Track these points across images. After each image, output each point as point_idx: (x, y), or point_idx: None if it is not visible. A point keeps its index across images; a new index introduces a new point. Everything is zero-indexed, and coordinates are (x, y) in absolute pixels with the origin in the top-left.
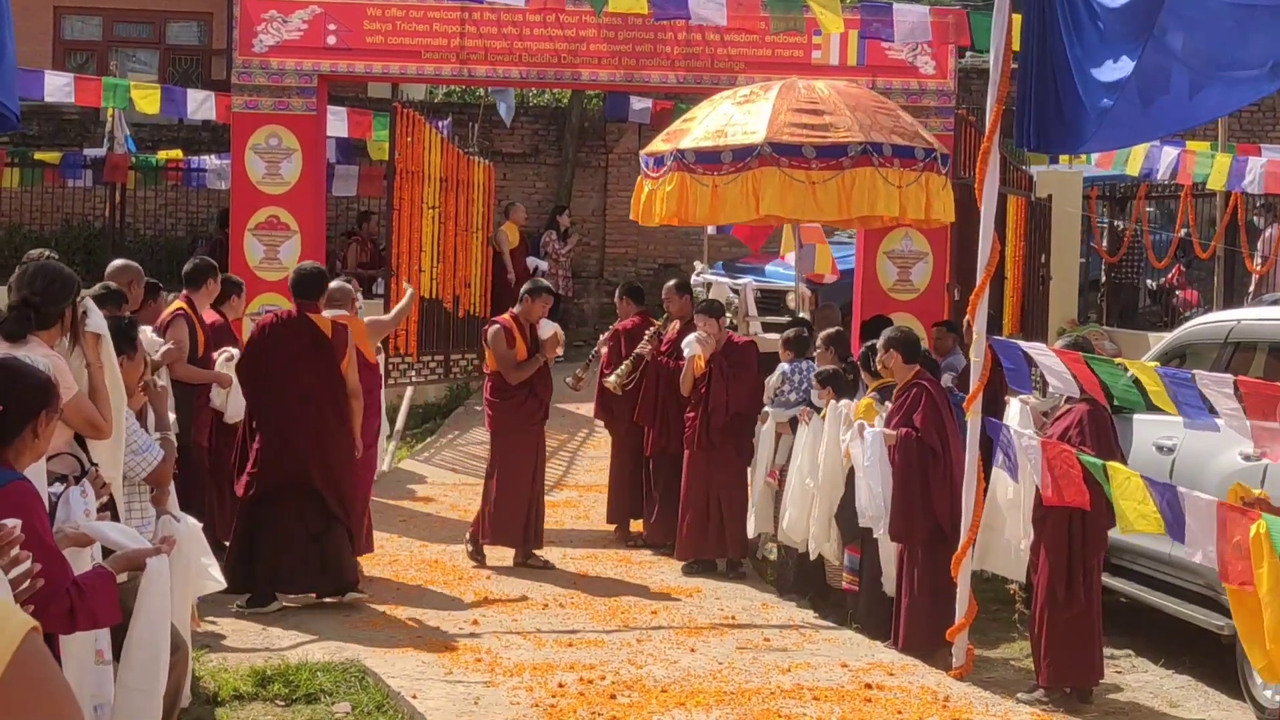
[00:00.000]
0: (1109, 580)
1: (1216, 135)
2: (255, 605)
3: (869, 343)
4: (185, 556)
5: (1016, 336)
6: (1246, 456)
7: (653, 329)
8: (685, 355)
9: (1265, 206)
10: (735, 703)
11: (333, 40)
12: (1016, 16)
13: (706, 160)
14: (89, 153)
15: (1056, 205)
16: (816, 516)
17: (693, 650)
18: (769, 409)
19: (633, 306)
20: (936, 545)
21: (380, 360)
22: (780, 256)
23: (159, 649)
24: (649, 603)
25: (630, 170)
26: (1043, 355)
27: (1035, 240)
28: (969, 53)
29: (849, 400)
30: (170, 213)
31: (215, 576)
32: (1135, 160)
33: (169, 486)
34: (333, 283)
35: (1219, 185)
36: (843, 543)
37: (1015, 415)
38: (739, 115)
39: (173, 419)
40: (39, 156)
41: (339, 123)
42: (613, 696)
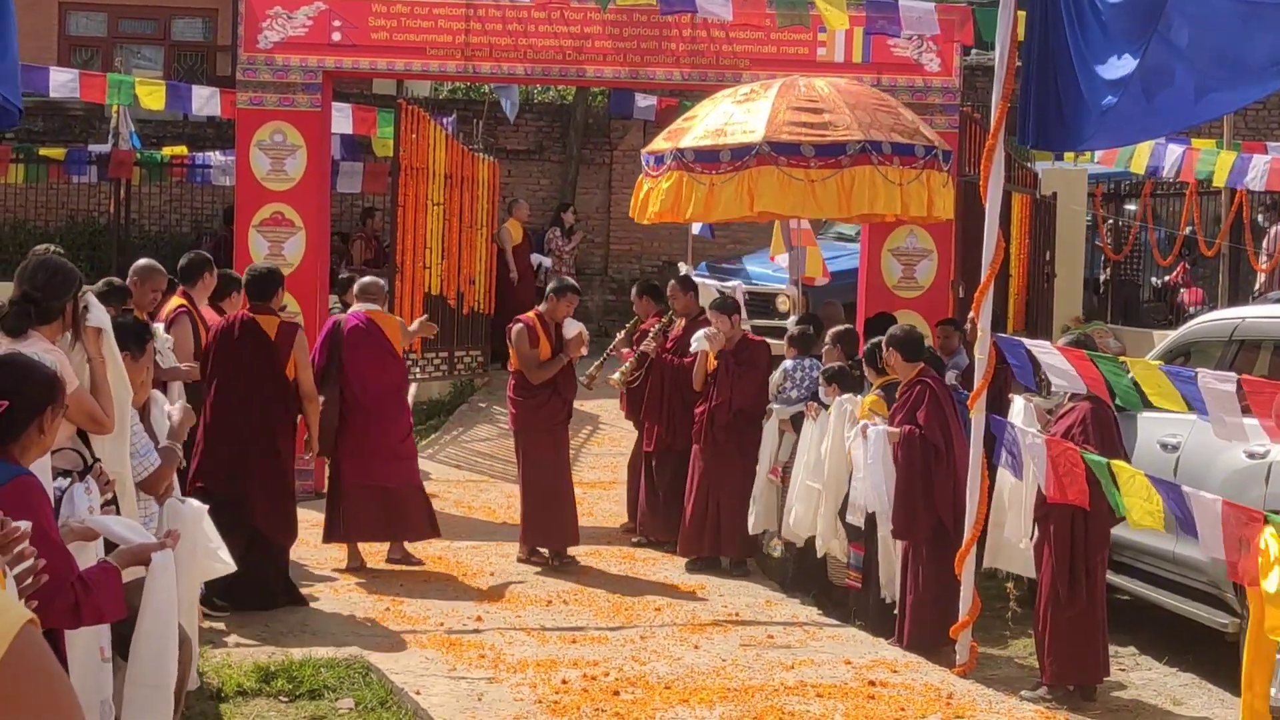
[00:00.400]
0: (1112, 578)
1: (1222, 133)
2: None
3: (874, 340)
4: (191, 540)
5: (1021, 334)
6: (1251, 455)
7: (658, 325)
8: (693, 350)
9: (1271, 205)
10: (739, 700)
11: (338, 37)
12: (1022, 13)
13: (705, 159)
14: (94, 149)
15: (1061, 203)
16: (822, 513)
17: (696, 647)
18: (772, 405)
19: (653, 305)
20: (940, 543)
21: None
22: (771, 258)
23: (167, 643)
24: (652, 599)
25: (635, 167)
26: (1046, 353)
27: (1040, 238)
28: (974, 50)
29: (854, 396)
30: (175, 209)
31: (224, 559)
32: (1140, 158)
33: (161, 490)
34: (365, 277)
35: (1221, 182)
36: (848, 539)
37: (1019, 413)
38: (739, 114)
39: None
40: (44, 152)
41: (344, 119)
42: (616, 693)
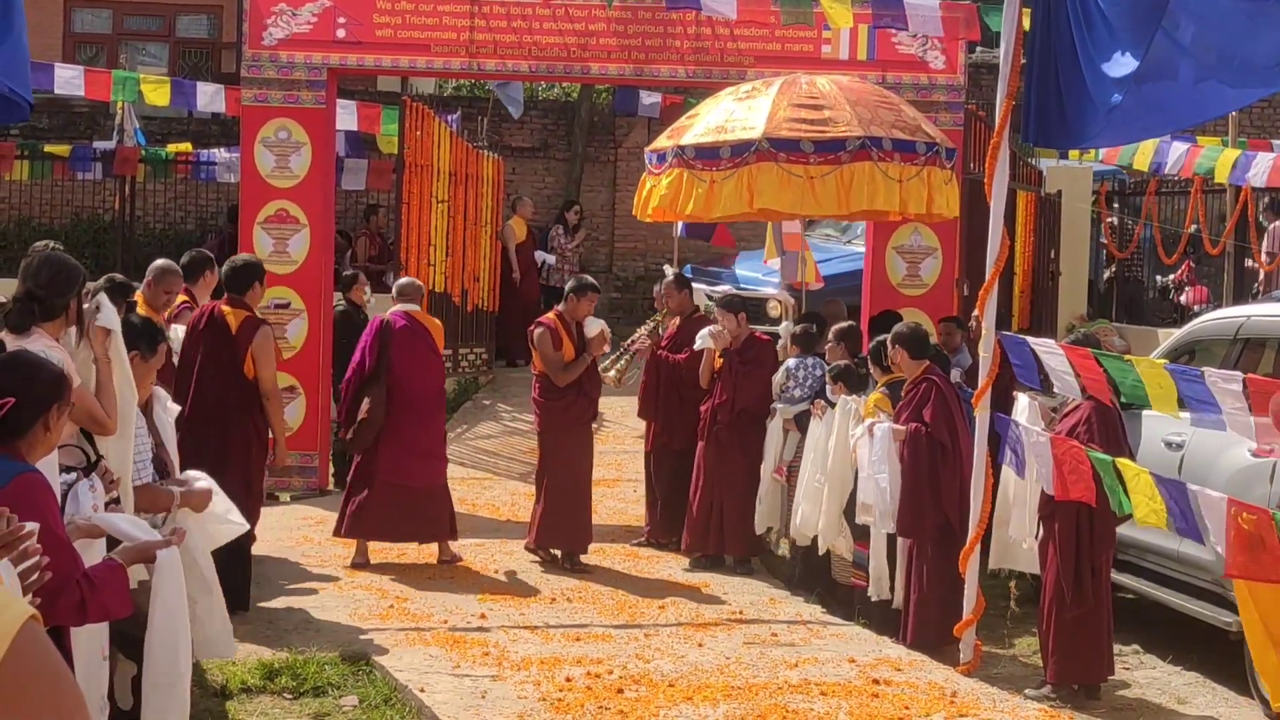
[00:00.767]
0: (1116, 576)
1: (1227, 131)
2: None
3: (880, 338)
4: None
5: (1025, 332)
6: (1255, 453)
7: (651, 324)
8: (697, 347)
9: (1270, 204)
10: (742, 697)
11: (342, 34)
12: (1027, 10)
13: (706, 156)
14: (98, 145)
15: (1066, 201)
16: (826, 511)
17: (700, 645)
18: (775, 404)
19: (688, 300)
20: (945, 541)
21: None
22: (764, 262)
23: (179, 641)
24: (656, 597)
25: (639, 165)
26: (1049, 353)
27: (1045, 236)
28: (979, 48)
29: (859, 395)
30: (180, 206)
31: (236, 520)
32: (1143, 155)
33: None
34: (403, 278)
35: (1223, 178)
36: (853, 538)
37: (1024, 411)
38: (740, 111)
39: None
40: (49, 149)
41: (348, 116)
42: (620, 691)
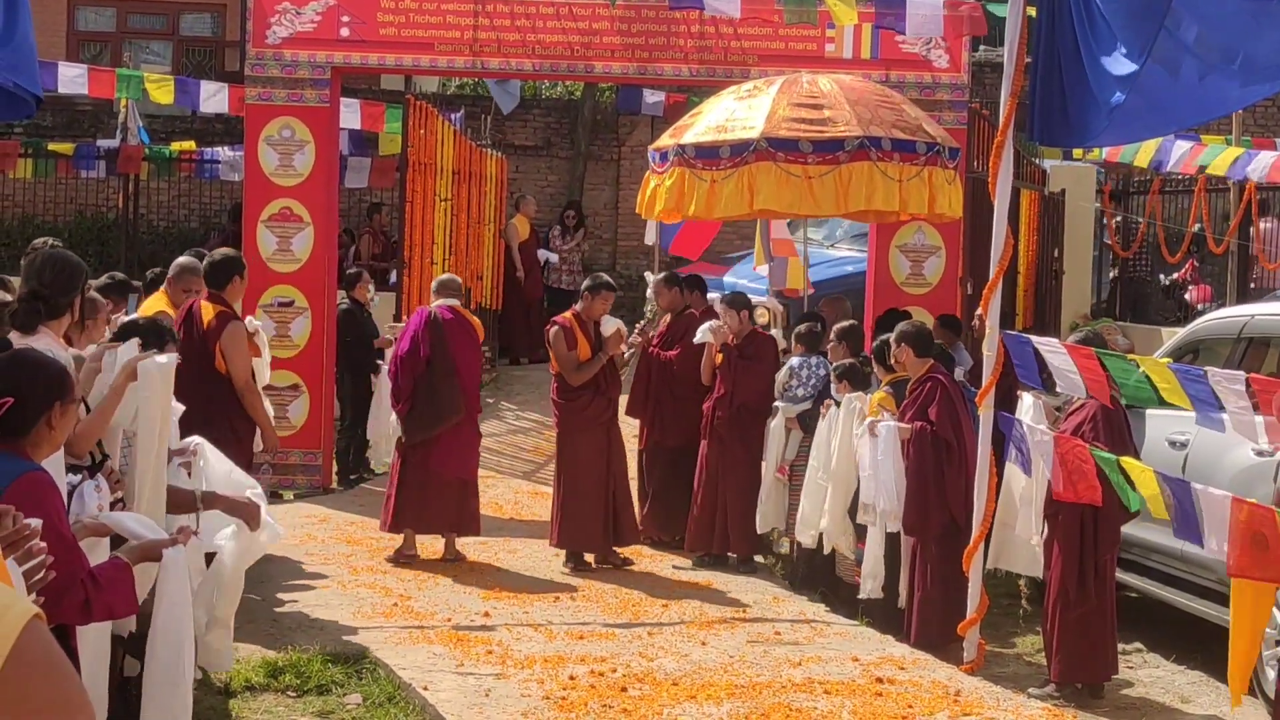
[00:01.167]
0: (1120, 575)
1: (1230, 130)
2: None
3: (883, 336)
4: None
5: (1029, 331)
6: (1260, 452)
7: (642, 322)
8: (697, 341)
9: (1261, 202)
10: (746, 696)
11: (346, 32)
12: (1032, 9)
13: (706, 155)
14: (102, 144)
15: (1070, 199)
16: (831, 510)
17: (704, 644)
18: (778, 403)
19: (701, 299)
20: (949, 539)
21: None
22: (754, 268)
23: (183, 640)
24: (660, 596)
25: (642, 164)
26: (1053, 353)
27: (1048, 235)
28: (982, 46)
29: (863, 394)
30: (183, 204)
31: (275, 526)
32: (1145, 153)
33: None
34: (442, 275)
35: (1221, 170)
36: (856, 537)
37: (1028, 410)
38: (740, 110)
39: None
40: (52, 147)
41: (352, 115)
42: (624, 689)
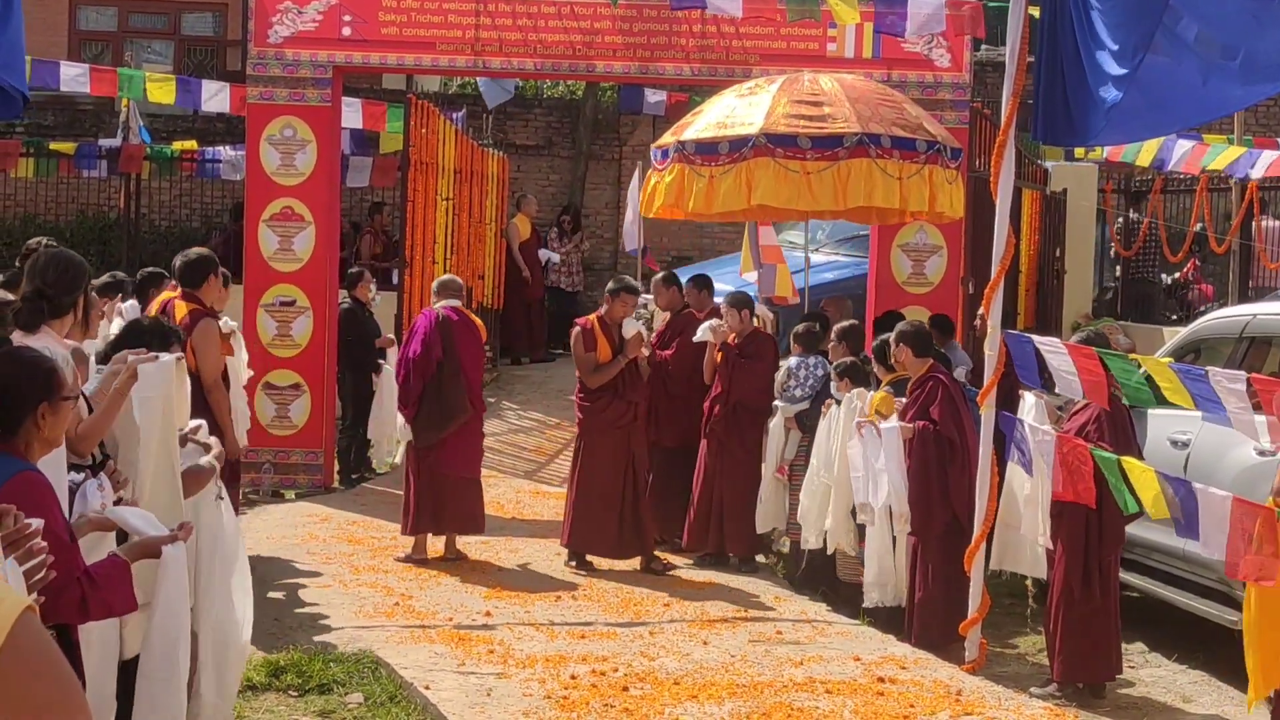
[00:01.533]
0: (1122, 575)
1: (1233, 129)
2: None
3: (883, 336)
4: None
5: (1030, 330)
6: (1261, 452)
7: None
8: (697, 339)
9: (1264, 203)
10: (748, 695)
11: (348, 32)
12: (1034, 9)
13: (705, 151)
14: (104, 143)
15: (1071, 199)
16: (832, 509)
17: (705, 643)
18: (777, 403)
19: (709, 298)
20: (950, 539)
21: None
22: (740, 274)
23: (179, 637)
24: (661, 595)
25: (644, 163)
26: (1053, 353)
27: (1050, 234)
28: (984, 46)
29: (864, 391)
30: (185, 204)
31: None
32: (1148, 153)
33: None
34: (443, 275)
35: (1220, 166)
36: (858, 537)
37: (1030, 409)
38: (741, 107)
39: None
40: (54, 147)
41: (353, 114)
42: (625, 688)
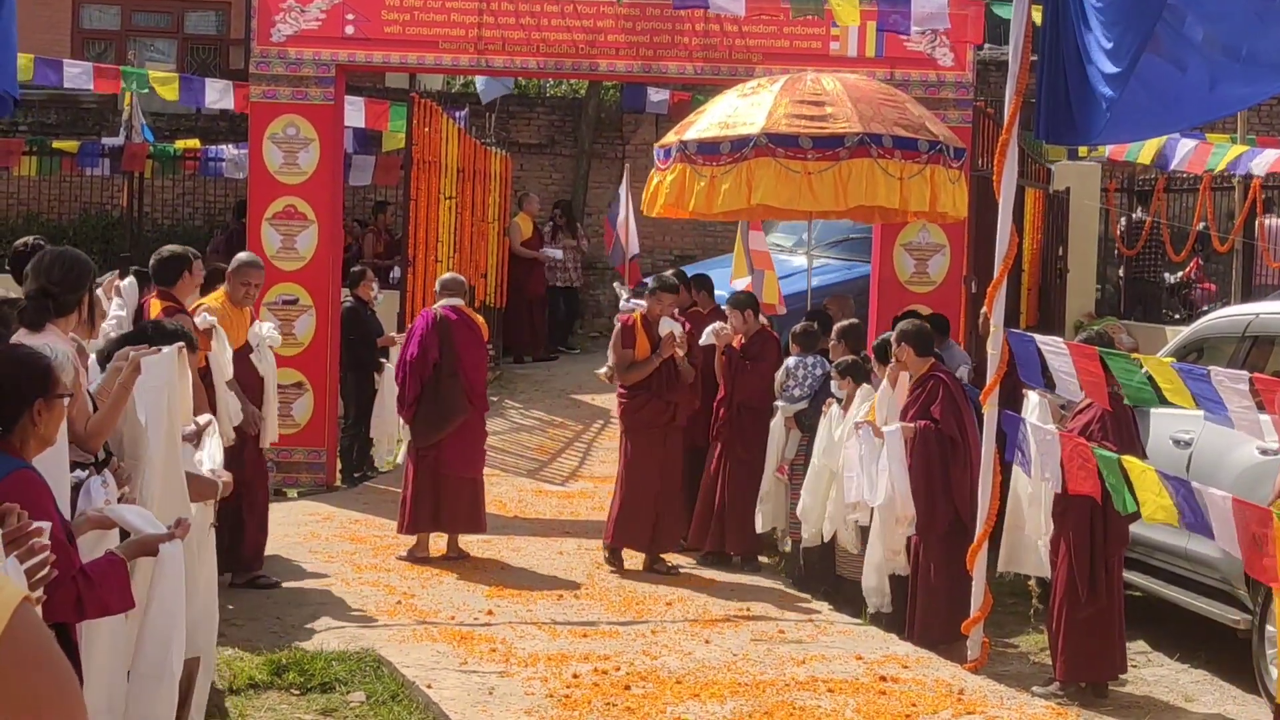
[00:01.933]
0: (1124, 574)
1: (1235, 128)
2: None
3: (883, 335)
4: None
5: (1033, 329)
6: (1264, 451)
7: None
8: (702, 343)
9: (1267, 201)
10: (750, 694)
11: (351, 30)
12: (1037, 8)
13: (707, 151)
14: (107, 141)
15: (1075, 198)
16: (834, 498)
17: (707, 642)
18: (777, 402)
19: (709, 298)
20: (953, 538)
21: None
22: (731, 281)
23: (173, 635)
24: (663, 594)
25: (647, 162)
26: (1054, 353)
27: (1053, 233)
28: (987, 45)
29: (869, 386)
30: (187, 202)
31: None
32: (1149, 152)
33: None
34: (445, 274)
35: (1223, 166)
36: (860, 536)
37: (1034, 408)
38: (743, 107)
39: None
40: (57, 145)
41: (356, 113)
42: (627, 687)
